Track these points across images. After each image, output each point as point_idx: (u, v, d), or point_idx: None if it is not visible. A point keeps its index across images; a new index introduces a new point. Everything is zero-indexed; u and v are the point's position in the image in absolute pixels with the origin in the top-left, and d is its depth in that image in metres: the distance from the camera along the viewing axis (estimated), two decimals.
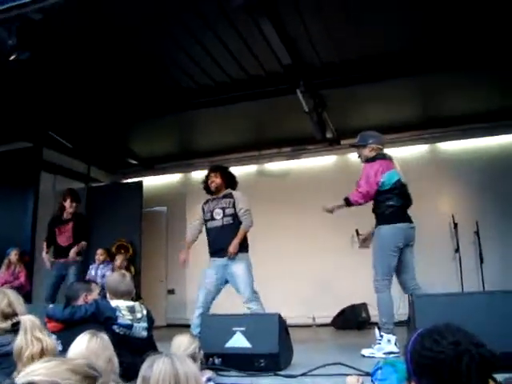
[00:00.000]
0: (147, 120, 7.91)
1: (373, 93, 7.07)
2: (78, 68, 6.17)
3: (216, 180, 5.64)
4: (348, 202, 4.85)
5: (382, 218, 4.80)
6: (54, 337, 3.21)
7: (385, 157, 4.95)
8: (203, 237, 5.71)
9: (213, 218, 5.51)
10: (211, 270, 5.40)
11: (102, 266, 7.62)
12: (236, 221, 5.43)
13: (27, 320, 2.31)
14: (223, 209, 5.49)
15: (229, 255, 5.26)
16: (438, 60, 6.19)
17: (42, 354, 2.19)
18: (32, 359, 2.12)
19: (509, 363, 2.05)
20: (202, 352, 3.40)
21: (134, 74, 6.50)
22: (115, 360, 2.32)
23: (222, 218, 5.45)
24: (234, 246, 5.25)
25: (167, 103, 7.36)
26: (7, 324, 2.62)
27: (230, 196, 5.55)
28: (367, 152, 4.99)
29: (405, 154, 8.64)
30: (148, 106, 7.43)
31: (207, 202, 5.69)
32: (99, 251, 7.76)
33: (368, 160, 4.91)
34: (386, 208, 4.79)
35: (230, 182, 5.75)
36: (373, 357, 4.31)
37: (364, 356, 4.41)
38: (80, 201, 7.23)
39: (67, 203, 6.99)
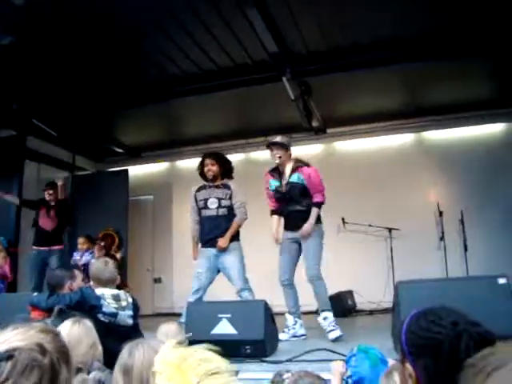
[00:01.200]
0: (133, 108, 7.83)
1: (360, 81, 7.07)
2: (61, 54, 6.09)
3: (213, 168, 5.51)
4: (320, 206, 5.16)
5: (318, 218, 5.14)
6: None
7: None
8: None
9: (206, 207, 5.43)
10: (203, 259, 5.35)
11: (86, 253, 7.51)
12: (231, 213, 5.39)
13: None
14: (219, 199, 5.41)
15: (218, 248, 5.24)
16: (427, 48, 6.17)
17: None
18: None
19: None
20: (187, 341, 3.41)
21: (119, 61, 6.44)
22: (99, 346, 2.32)
23: (217, 209, 5.38)
24: (225, 241, 5.23)
25: (153, 91, 7.29)
26: None
27: (228, 188, 5.47)
28: (287, 156, 5.27)
29: (391, 142, 8.70)
30: (133, 93, 7.36)
31: (200, 189, 5.58)
32: (80, 240, 7.68)
33: (306, 164, 5.25)
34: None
35: (227, 170, 5.64)
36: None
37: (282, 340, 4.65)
38: (54, 186, 7.31)
39: (45, 193, 7.21)
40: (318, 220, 5.16)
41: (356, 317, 7.28)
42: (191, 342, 3.89)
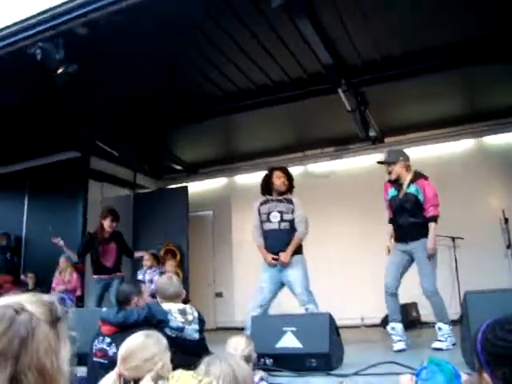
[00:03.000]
0: (190, 125, 8.03)
1: (416, 88, 6.99)
2: (122, 77, 6.29)
3: (285, 181, 5.56)
4: (436, 219, 5.12)
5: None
6: (108, 340, 3.32)
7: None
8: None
9: (269, 220, 5.43)
10: (266, 273, 5.36)
11: (149, 270, 7.67)
12: (293, 227, 5.37)
13: None
14: (281, 213, 5.41)
15: (280, 264, 5.24)
16: (482, 52, 6.05)
17: None
18: None
19: None
20: (255, 353, 3.44)
21: (176, 80, 6.61)
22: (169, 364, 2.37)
23: (279, 223, 5.37)
24: (286, 255, 5.20)
25: (209, 108, 7.45)
26: None
27: (291, 202, 5.47)
28: (401, 169, 5.15)
29: (450, 149, 8.50)
30: (190, 111, 7.54)
31: (263, 203, 5.58)
32: (146, 257, 7.82)
33: (423, 176, 5.16)
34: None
35: (292, 184, 5.68)
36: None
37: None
38: (117, 216, 7.00)
39: (107, 222, 6.82)
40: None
41: (421, 329, 7.11)
42: (257, 355, 3.93)
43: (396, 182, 5.22)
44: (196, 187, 10.14)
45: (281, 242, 5.30)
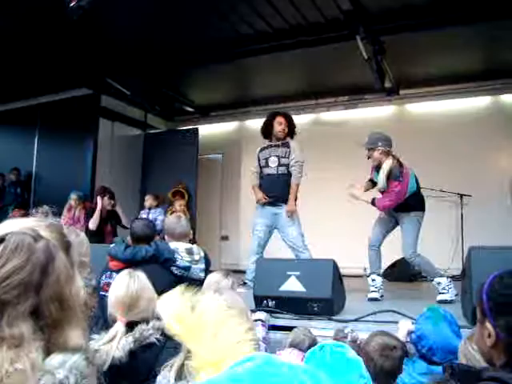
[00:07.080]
0: (204, 67, 7.92)
1: (435, 40, 6.79)
2: (136, 14, 6.16)
3: (285, 128, 5.63)
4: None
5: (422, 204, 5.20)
6: (115, 275, 3.38)
7: None
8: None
9: (267, 165, 5.56)
10: (261, 217, 5.51)
11: (152, 210, 7.71)
12: (290, 171, 5.48)
13: None
14: (279, 158, 5.52)
15: (288, 213, 5.33)
16: (506, 5, 5.84)
17: None
18: None
19: None
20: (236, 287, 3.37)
21: (192, 20, 6.48)
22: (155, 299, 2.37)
23: (277, 167, 5.49)
24: (291, 206, 5.34)
25: (224, 50, 7.32)
26: None
27: (287, 145, 5.55)
28: (381, 155, 5.00)
29: (466, 105, 8.36)
30: (204, 52, 7.40)
31: (263, 149, 5.72)
32: (146, 197, 7.91)
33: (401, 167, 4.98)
34: None
35: (293, 130, 5.73)
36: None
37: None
38: (111, 192, 7.30)
39: (105, 200, 7.16)
40: (419, 207, 5.10)
41: (422, 282, 7.18)
42: (260, 298, 4.01)
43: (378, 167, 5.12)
44: (207, 130, 10.08)
45: (278, 186, 5.44)
